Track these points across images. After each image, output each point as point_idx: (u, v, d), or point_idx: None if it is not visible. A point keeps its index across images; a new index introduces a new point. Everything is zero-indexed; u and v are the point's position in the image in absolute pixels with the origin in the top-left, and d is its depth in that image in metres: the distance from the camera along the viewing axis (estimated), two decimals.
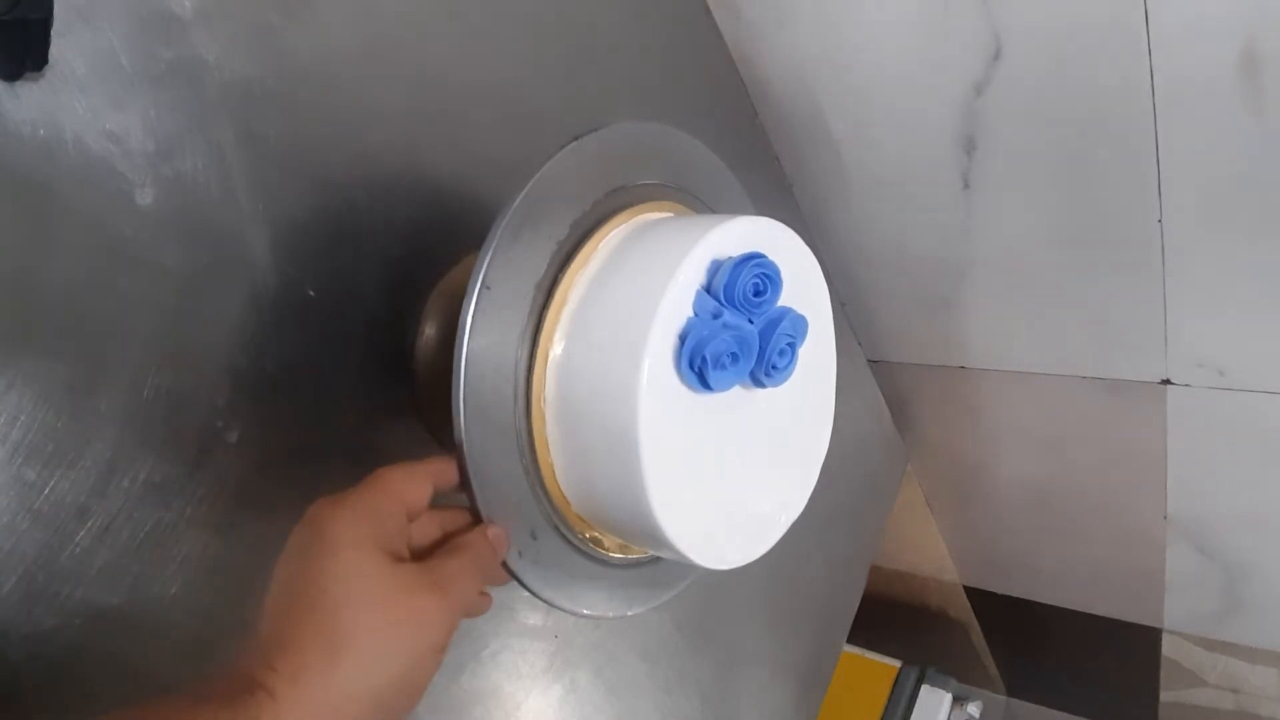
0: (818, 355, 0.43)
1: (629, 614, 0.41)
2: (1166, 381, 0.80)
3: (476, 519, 0.34)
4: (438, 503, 0.34)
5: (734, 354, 0.35)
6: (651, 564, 0.42)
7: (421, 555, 0.32)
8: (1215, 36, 0.54)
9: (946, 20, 0.62)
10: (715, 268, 0.35)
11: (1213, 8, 0.53)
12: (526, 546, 0.36)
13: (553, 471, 0.37)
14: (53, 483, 0.32)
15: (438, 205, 0.47)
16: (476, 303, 0.33)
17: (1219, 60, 0.55)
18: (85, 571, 0.34)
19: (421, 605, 0.29)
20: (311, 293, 0.41)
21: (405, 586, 0.29)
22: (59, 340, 0.33)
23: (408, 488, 0.32)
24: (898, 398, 1.02)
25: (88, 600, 0.34)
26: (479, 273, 0.33)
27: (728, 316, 0.35)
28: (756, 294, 0.36)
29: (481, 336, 0.33)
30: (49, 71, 0.32)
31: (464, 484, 0.33)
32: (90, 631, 0.34)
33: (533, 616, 0.53)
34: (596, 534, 0.39)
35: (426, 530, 0.34)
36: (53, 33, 0.31)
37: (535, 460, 0.36)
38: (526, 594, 0.37)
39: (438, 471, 0.33)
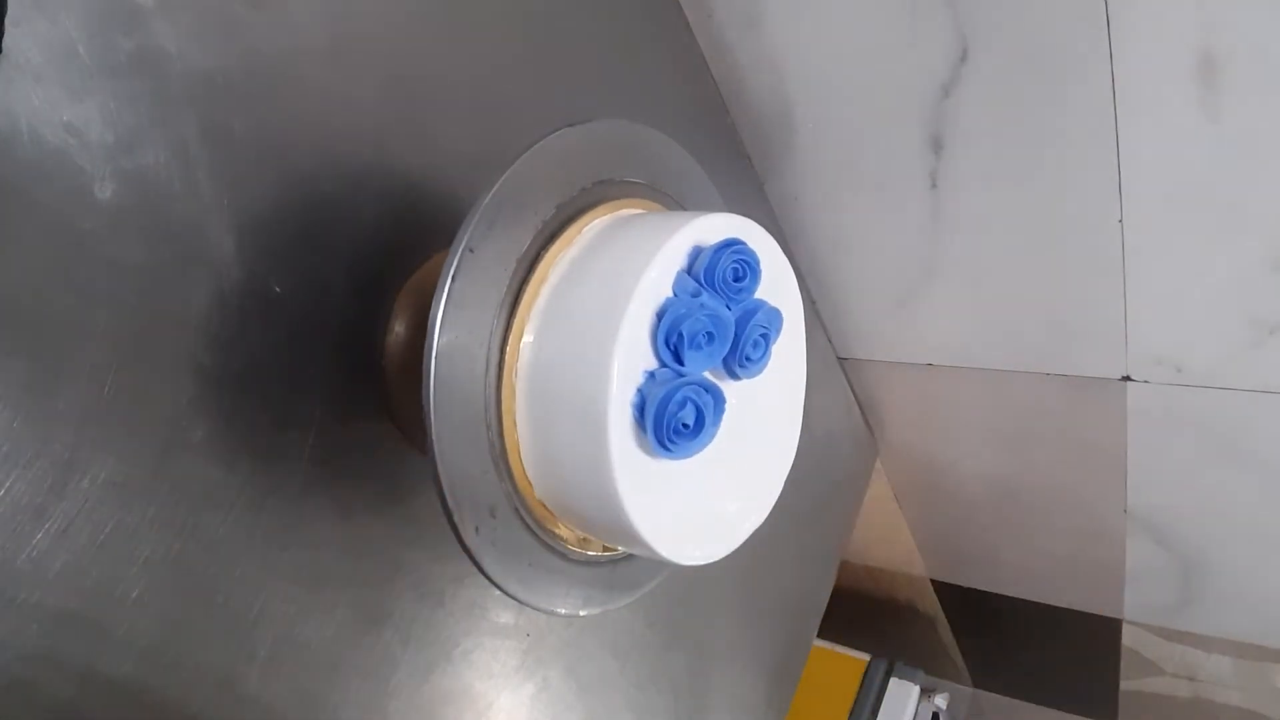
0: (789, 352, 0.43)
1: (581, 613, 0.41)
2: (1126, 378, 0.82)
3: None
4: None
5: (709, 333, 0.35)
6: (609, 565, 0.42)
7: None
8: (1174, 40, 0.55)
9: (914, 22, 0.63)
10: (696, 253, 0.36)
11: (1171, 12, 0.54)
12: (484, 523, 0.35)
13: (517, 449, 0.37)
14: (8, 483, 0.32)
15: (407, 201, 0.46)
16: (458, 263, 0.33)
17: (1177, 63, 0.56)
18: (43, 575, 0.33)
19: None
20: (278, 289, 0.40)
21: None
22: (15, 337, 0.32)
23: None
24: (867, 394, 1.03)
25: (46, 604, 0.33)
26: (464, 234, 0.33)
27: (706, 298, 0.35)
28: (736, 279, 0.36)
29: (459, 299, 0.33)
30: (3, 61, 0.31)
31: (428, 452, 0.33)
32: (48, 636, 0.33)
33: (504, 615, 0.53)
34: (556, 527, 0.39)
35: None
36: (7, 21, 0.30)
37: (501, 434, 0.36)
38: (499, 593, 0.36)
39: None
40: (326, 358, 0.42)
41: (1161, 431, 0.86)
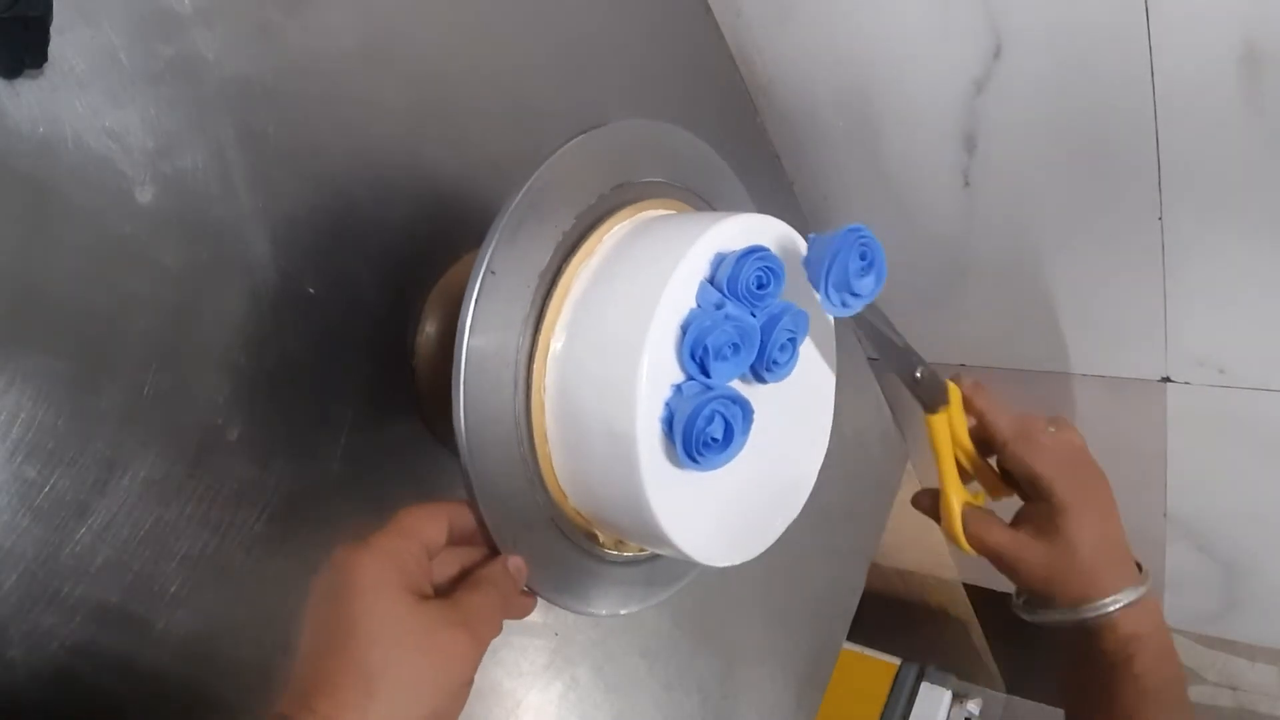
0: (818, 352, 0.43)
1: (622, 612, 0.41)
2: (1166, 379, 0.80)
3: (489, 542, 0.35)
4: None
5: (735, 345, 0.35)
6: (648, 562, 0.42)
7: (443, 590, 0.34)
8: (1215, 34, 0.54)
9: (947, 18, 0.62)
10: (719, 260, 0.35)
11: (1212, 5, 0.53)
12: (521, 537, 0.36)
13: (551, 464, 0.37)
14: (53, 480, 0.32)
15: (438, 203, 0.47)
16: (480, 287, 0.33)
17: (1219, 58, 0.55)
18: (85, 569, 0.34)
19: (448, 640, 0.30)
20: (311, 290, 0.41)
21: (431, 624, 0.30)
22: (59, 338, 0.33)
23: (426, 527, 0.33)
24: (898, 395, 1.02)
25: (87, 598, 0.34)
26: (484, 257, 0.33)
27: (730, 308, 0.35)
28: (760, 286, 0.36)
29: (484, 322, 0.33)
30: (48, 69, 0.32)
31: (462, 474, 0.33)
32: (89, 629, 0.34)
33: (533, 614, 0.53)
34: (593, 530, 0.39)
35: (446, 567, 0.35)
36: (52, 30, 0.31)
37: (534, 451, 0.36)
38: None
39: (453, 512, 0.34)
40: (359, 357, 0.43)
41: (1203, 434, 0.83)
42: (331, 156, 0.42)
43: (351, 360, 0.43)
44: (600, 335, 0.35)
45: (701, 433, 0.34)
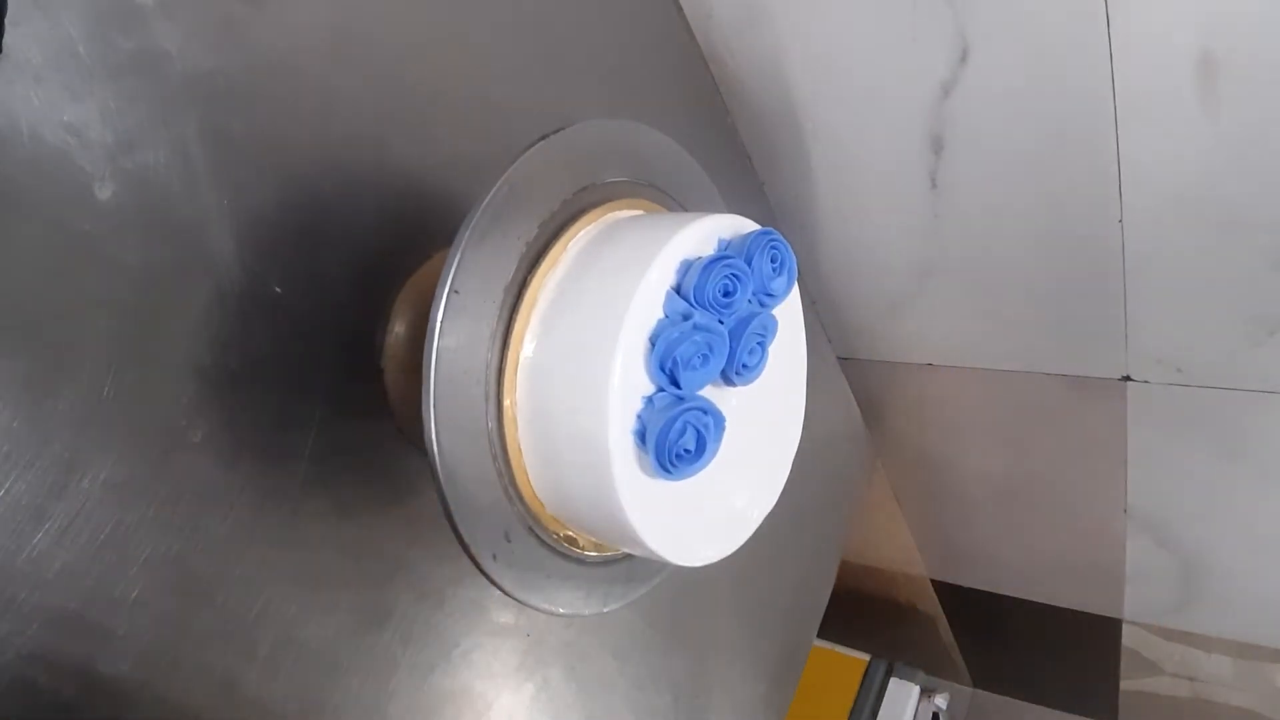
0: (788, 353, 0.43)
1: (605, 610, 0.41)
2: (1126, 378, 0.82)
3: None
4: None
5: (704, 355, 0.35)
6: (626, 560, 0.43)
7: None
8: (1173, 39, 0.56)
9: (915, 21, 0.63)
10: (685, 268, 0.35)
11: (1170, 12, 0.54)
12: (500, 549, 0.36)
13: (526, 475, 0.37)
14: (8, 484, 0.32)
15: (406, 200, 0.46)
16: (445, 308, 0.33)
17: (1177, 63, 0.56)
18: (43, 575, 0.33)
19: None
20: (277, 289, 0.40)
21: None
22: (15, 338, 0.32)
23: None
24: (867, 395, 1.03)
25: (45, 604, 0.33)
26: (446, 277, 0.33)
27: (698, 318, 0.35)
28: (726, 295, 0.36)
29: (451, 341, 0.33)
30: (3, 61, 0.31)
31: (438, 492, 0.33)
32: (49, 636, 0.33)
33: (504, 615, 0.53)
34: (571, 533, 0.39)
35: None
36: (7, 21, 0.30)
37: (508, 463, 0.36)
38: (499, 593, 0.36)
39: None
40: (327, 357, 0.42)
41: (1161, 431, 0.86)
42: (298, 153, 0.41)
43: (319, 360, 0.42)
44: (568, 350, 0.35)
45: (674, 445, 0.34)
